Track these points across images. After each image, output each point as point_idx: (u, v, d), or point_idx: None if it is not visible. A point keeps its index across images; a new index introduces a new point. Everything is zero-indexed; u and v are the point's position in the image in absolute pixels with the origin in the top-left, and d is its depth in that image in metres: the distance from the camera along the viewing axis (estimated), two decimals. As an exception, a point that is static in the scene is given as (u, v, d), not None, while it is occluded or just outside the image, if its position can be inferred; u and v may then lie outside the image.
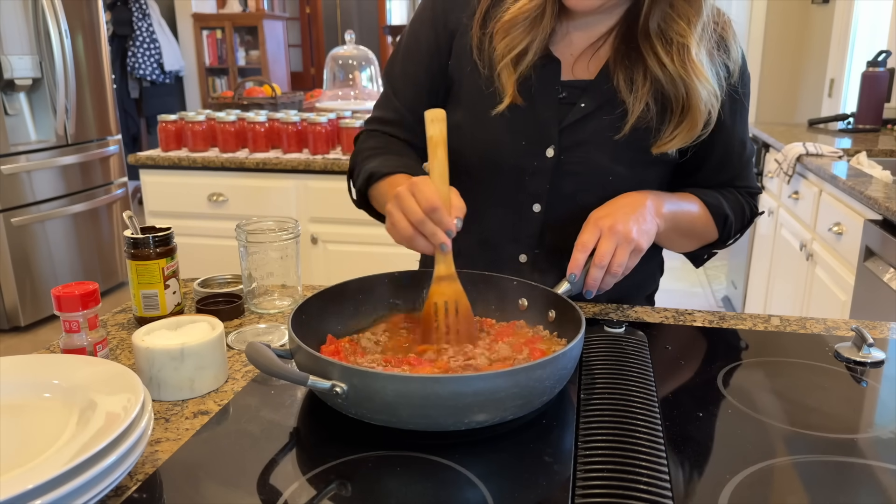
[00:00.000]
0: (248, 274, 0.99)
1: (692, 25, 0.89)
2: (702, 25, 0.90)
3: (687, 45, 0.89)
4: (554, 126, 0.95)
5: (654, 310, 1.00)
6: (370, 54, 3.05)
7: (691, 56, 0.89)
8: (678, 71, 0.90)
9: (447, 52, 1.01)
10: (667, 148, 0.94)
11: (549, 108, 0.96)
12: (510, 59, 0.93)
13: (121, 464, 0.55)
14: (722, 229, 1.01)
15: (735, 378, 0.79)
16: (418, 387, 0.62)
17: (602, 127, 0.95)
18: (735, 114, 0.99)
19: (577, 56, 0.97)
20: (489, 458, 0.63)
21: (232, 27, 5.85)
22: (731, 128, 0.99)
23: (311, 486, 0.58)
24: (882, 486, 0.60)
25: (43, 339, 3.22)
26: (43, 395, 0.65)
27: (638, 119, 0.93)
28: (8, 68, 3.04)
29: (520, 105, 0.95)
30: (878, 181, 1.93)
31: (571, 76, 0.97)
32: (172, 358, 0.73)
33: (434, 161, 0.80)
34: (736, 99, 0.98)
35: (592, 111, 0.95)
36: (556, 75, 0.96)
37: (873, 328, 0.93)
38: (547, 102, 0.96)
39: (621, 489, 0.57)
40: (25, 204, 3.21)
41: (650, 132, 0.94)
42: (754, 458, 0.62)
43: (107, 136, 3.65)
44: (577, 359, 0.72)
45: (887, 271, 1.65)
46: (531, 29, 0.93)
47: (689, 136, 0.94)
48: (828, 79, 3.64)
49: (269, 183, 2.51)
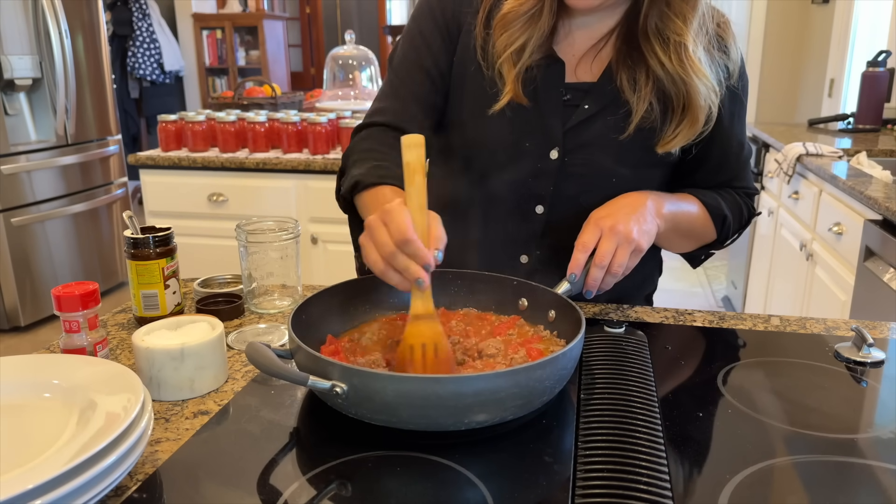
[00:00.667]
0: (248, 274, 0.99)
1: (688, 23, 0.89)
2: (698, 22, 0.90)
3: (684, 42, 0.89)
4: (558, 128, 0.96)
5: (654, 310, 1.00)
6: (370, 54, 3.05)
7: (689, 53, 0.89)
8: (676, 69, 0.90)
9: (453, 47, 1.00)
10: (670, 147, 0.94)
11: (553, 110, 0.96)
12: (510, 53, 0.93)
13: (121, 464, 0.55)
14: (720, 230, 1.01)
15: (735, 378, 0.79)
16: (418, 387, 0.62)
17: (606, 129, 0.95)
18: (733, 115, 0.99)
19: (579, 57, 0.97)
20: (489, 458, 0.63)
21: (232, 27, 5.85)
22: (730, 129, 0.99)
23: (311, 486, 0.58)
24: (882, 486, 0.60)
25: (43, 339, 3.21)
26: (43, 395, 0.65)
27: (642, 119, 0.93)
28: (8, 68, 3.04)
29: (524, 107, 0.95)
30: (878, 181, 1.93)
31: (575, 78, 0.97)
32: (172, 358, 0.73)
33: (411, 188, 0.71)
34: (734, 100, 0.98)
35: (596, 113, 0.95)
36: (561, 77, 0.96)
37: (873, 328, 0.93)
38: (551, 105, 0.96)
39: (621, 489, 0.57)
40: (25, 204, 3.21)
41: (653, 133, 0.95)
42: (754, 458, 0.62)
43: (107, 136, 3.65)
44: (577, 359, 0.72)
45: (887, 271, 1.65)
46: (529, 25, 0.93)
47: (690, 134, 0.94)
48: (828, 79, 3.64)
49: (269, 183, 2.51)
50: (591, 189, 0.96)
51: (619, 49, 0.95)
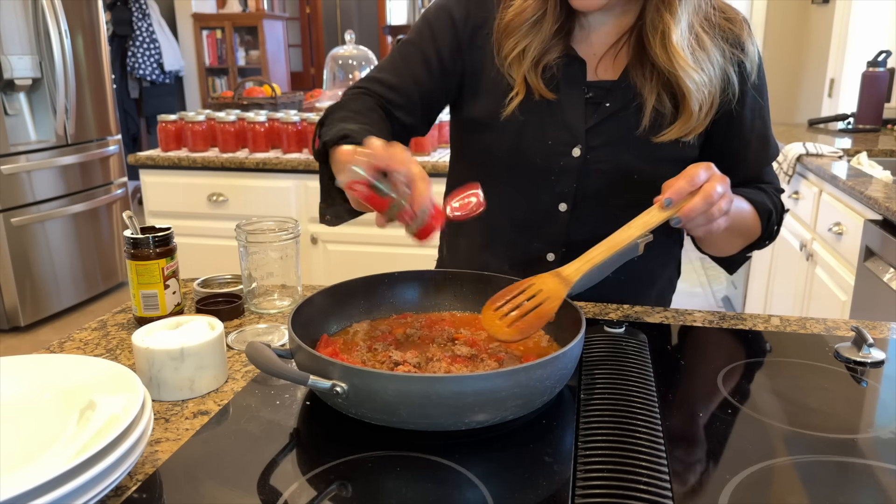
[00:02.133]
0: (248, 274, 0.99)
1: (674, 14, 0.89)
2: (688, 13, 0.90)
3: (668, 32, 0.89)
4: (580, 126, 0.96)
5: (654, 310, 1.00)
6: (370, 54, 3.05)
7: (672, 43, 0.89)
8: (663, 60, 0.90)
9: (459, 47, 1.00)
10: (665, 138, 0.94)
11: (575, 108, 0.96)
12: (516, 55, 0.95)
13: (121, 464, 0.55)
14: (766, 225, 1.00)
15: (735, 378, 0.79)
16: (418, 387, 0.62)
17: (627, 126, 0.95)
18: (754, 111, 0.99)
19: (600, 56, 0.98)
20: (489, 458, 0.63)
21: (232, 27, 5.85)
22: (751, 124, 0.99)
23: (311, 486, 0.58)
24: (882, 486, 0.60)
25: (43, 339, 3.21)
26: (43, 395, 0.65)
27: (657, 114, 0.94)
28: (8, 68, 3.04)
29: (547, 106, 0.96)
30: (878, 181, 1.93)
31: (596, 77, 0.98)
32: (172, 358, 0.73)
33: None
34: (755, 97, 0.98)
35: (617, 111, 0.96)
36: (583, 76, 0.97)
37: (873, 328, 0.93)
38: (573, 102, 0.96)
39: (621, 489, 0.57)
40: (25, 204, 3.21)
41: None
42: (754, 458, 0.62)
43: (107, 136, 3.65)
44: (577, 359, 0.72)
45: (887, 271, 1.65)
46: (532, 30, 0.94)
47: (685, 127, 0.93)
48: (828, 79, 3.64)
49: (269, 183, 2.51)
50: (614, 186, 0.97)
51: (633, 47, 0.96)
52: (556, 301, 0.74)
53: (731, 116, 0.97)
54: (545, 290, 0.74)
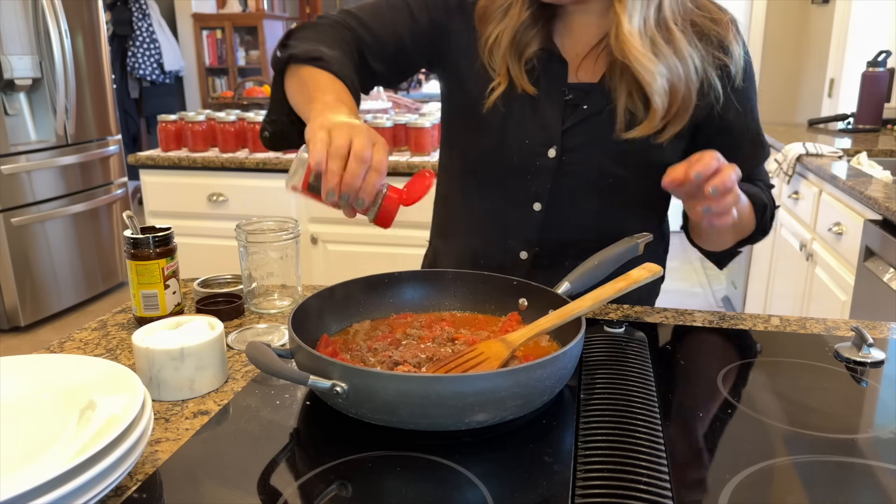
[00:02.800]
0: (248, 274, 0.99)
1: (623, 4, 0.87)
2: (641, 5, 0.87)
3: (620, 21, 0.88)
4: (557, 127, 0.96)
5: (654, 310, 1.00)
6: (370, 54, 3.04)
7: (623, 31, 0.88)
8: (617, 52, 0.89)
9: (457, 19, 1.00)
10: (634, 135, 0.93)
11: (553, 109, 0.96)
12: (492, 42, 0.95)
13: (121, 464, 0.55)
14: (760, 220, 1.01)
15: (735, 378, 0.79)
16: (419, 386, 0.63)
17: (604, 129, 0.95)
18: (743, 115, 0.98)
19: (582, 57, 0.97)
20: (489, 458, 0.63)
21: (232, 27, 5.85)
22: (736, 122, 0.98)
23: (311, 486, 0.58)
24: (882, 486, 0.60)
25: (43, 339, 3.21)
26: (43, 395, 0.65)
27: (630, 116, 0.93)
28: (8, 68, 3.04)
29: (525, 104, 0.96)
30: (878, 181, 1.93)
31: (576, 79, 0.97)
32: (172, 358, 0.73)
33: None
34: (742, 100, 0.97)
35: (594, 113, 0.95)
36: (563, 77, 0.97)
37: (873, 328, 0.93)
38: (552, 103, 0.96)
39: (621, 489, 0.57)
40: (25, 204, 3.21)
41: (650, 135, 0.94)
42: (754, 458, 0.62)
43: (107, 136, 3.65)
44: (577, 359, 0.72)
45: (887, 271, 1.65)
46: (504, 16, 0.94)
47: (651, 124, 0.92)
48: (828, 79, 3.64)
49: (269, 183, 2.51)
50: (588, 188, 0.97)
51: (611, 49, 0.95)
52: (495, 362, 0.73)
53: (717, 121, 0.96)
54: (486, 352, 0.75)
